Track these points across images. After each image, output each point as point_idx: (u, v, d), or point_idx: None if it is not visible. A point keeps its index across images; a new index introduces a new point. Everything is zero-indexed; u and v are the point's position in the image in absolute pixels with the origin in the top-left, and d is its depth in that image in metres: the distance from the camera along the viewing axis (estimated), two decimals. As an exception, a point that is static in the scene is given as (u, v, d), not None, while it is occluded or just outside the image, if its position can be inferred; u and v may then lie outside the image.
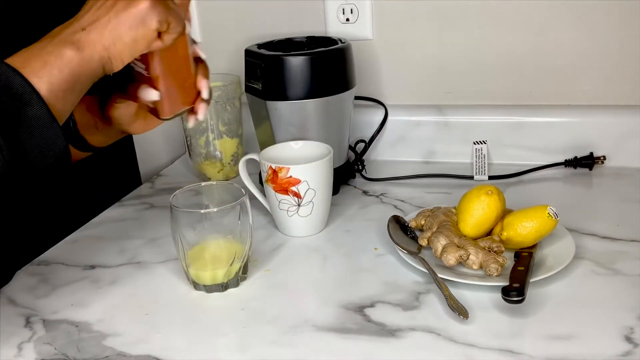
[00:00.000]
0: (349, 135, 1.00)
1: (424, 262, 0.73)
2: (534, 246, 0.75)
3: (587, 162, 1.00)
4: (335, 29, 1.09)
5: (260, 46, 0.97)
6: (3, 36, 0.65)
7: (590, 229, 0.82)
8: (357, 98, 1.02)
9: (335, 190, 0.96)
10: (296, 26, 1.11)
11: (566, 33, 1.00)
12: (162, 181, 1.10)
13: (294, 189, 0.82)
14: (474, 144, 1.02)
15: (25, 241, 0.87)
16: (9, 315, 0.72)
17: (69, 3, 0.63)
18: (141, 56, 0.62)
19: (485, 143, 1.01)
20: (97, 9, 0.58)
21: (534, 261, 0.72)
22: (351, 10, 1.07)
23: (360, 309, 0.69)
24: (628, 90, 1.00)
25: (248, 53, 0.96)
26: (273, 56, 0.92)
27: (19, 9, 0.76)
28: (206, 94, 0.66)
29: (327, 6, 1.09)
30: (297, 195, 0.82)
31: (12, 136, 0.53)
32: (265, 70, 0.92)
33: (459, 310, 0.65)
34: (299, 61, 0.90)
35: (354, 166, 1.04)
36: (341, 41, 0.95)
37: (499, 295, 0.66)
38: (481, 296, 0.69)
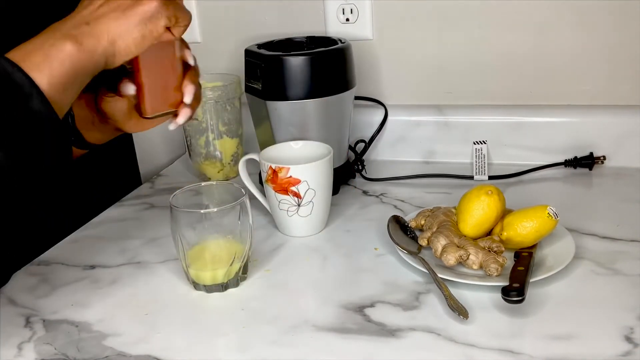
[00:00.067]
0: (349, 135, 1.00)
1: (424, 262, 0.73)
2: (534, 246, 0.75)
3: (587, 162, 1.00)
4: (335, 29, 1.09)
5: (260, 46, 0.97)
6: (3, 31, 0.65)
7: (590, 229, 0.82)
8: (357, 98, 1.02)
9: (335, 190, 0.96)
10: (296, 26, 1.10)
11: (566, 33, 1.00)
12: (162, 181, 1.10)
13: (294, 189, 0.82)
14: (474, 144, 1.02)
15: (25, 241, 0.87)
16: (9, 315, 0.72)
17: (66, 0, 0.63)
18: None
19: (485, 143, 1.01)
20: (99, 5, 0.58)
21: (534, 261, 0.72)
22: (351, 10, 1.07)
23: (360, 309, 0.69)
24: (628, 90, 1.00)
25: (248, 53, 0.96)
26: (273, 56, 0.92)
27: (18, 4, 0.75)
28: (189, 99, 0.66)
29: (327, 6, 1.09)
30: (297, 195, 0.82)
31: (13, 131, 0.52)
32: (265, 70, 0.92)
33: (459, 310, 0.65)
34: (299, 61, 0.90)
35: (354, 166, 1.04)
36: (341, 41, 0.95)
37: (499, 295, 0.66)
38: (481, 296, 0.69)
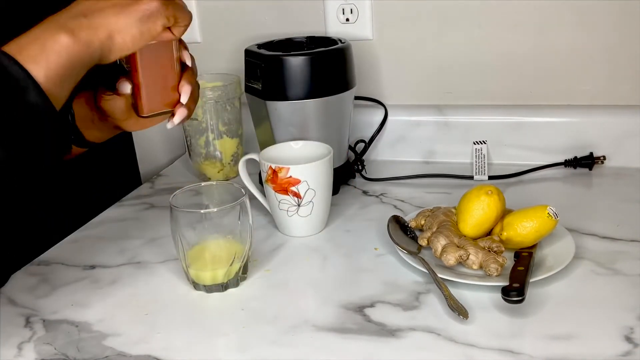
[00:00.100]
0: (349, 135, 1.00)
1: (424, 262, 0.73)
2: (534, 246, 0.75)
3: (587, 162, 1.00)
4: (335, 29, 1.09)
5: (260, 46, 0.97)
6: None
7: (590, 229, 0.82)
8: (357, 98, 1.02)
9: (335, 190, 0.96)
10: (296, 26, 1.10)
11: (566, 33, 1.00)
12: (162, 181, 1.09)
13: (293, 189, 0.82)
14: (474, 144, 1.02)
15: (25, 241, 0.87)
16: (9, 315, 0.72)
17: None
18: None
19: (485, 143, 1.01)
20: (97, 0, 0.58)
21: (534, 261, 0.72)
22: (351, 10, 1.07)
23: (360, 309, 0.69)
24: (628, 90, 1.00)
25: (248, 53, 0.96)
26: (273, 56, 0.92)
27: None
28: (185, 99, 0.66)
29: (327, 6, 1.09)
30: (297, 195, 0.82)
31: (9, 125, 0.52)
32: (265, 70, 0.92)
33: (459, 310, 0.65)
34: (299, 61, 0.90)
35: (354, 166, 1.04)
36: (341, 41, 0.95)
37: (499, 295, 0.66)
38: (481, 296, 0.69)
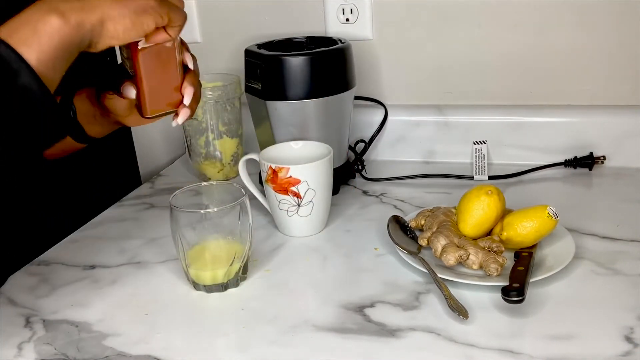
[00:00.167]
0: (349, 135, 1.00)
1: (424, 262, 0.73)
2: (534, 246, 0.75)
3: (587, 162, 1.00)
4: (335, 29, 1.09)
5: (260, 46, 0.97)
6: None
7: (590, 229, 0.82)
8: (357, 98, 1.02)
9: (335, 190, 0.96)
10: (296, 26, 1.10)
11: (566, 33, 1.00)
12: (162, 181, 1.09)
13: (293, 189, 0.82)
14: (474, 144, 1.02)
15: (25, 241, 0.87)
16: (9, 315, 0.72)
17: None
18: (129, 56, 0.64)
19: (485, 143, 1.01)
20: None
21: (534, 261, 0.72)
22: (351, 10, 1.07)
23: (360, 309, 0.69)
24: (628, 90, 1.00)
25: (248, 53, 0.96)
26: (273, 56, 0.92)
27: None
28: (188, 100, 0.67)
29: (327, 6, 1.09)
30: (297, 195, 0.82)
31: (2, 107, 0.52)
32: (265, 70, 0.92)
33: (459, 310, 0.65)
34: (299, 61, 0.90)
35: (354, 166, 1.04)
36: (341, 41, 0.95)
37: (499, 295, 0.66)
38: (481, 296, 0.69)
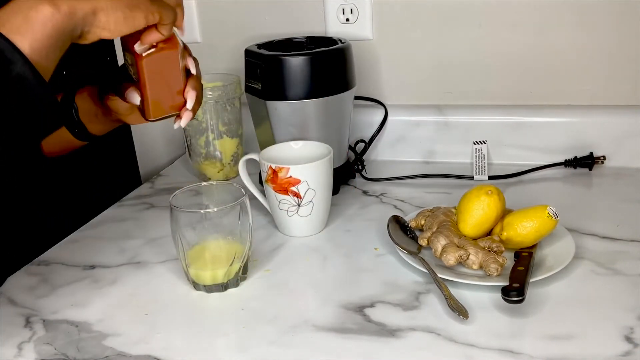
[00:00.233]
0: (349, 135, 1.00)
1: (424, 262, 0.73)
2: (534, 246, 0.75)
3: (587, 162, 1.00)
4: (335, 29, 1.09)
5: (260, 46, 0.97)
6: None
7: (590, 229, 0.82)
8: (357, 98, 1.02)
9: (335, 190, 0.96)
10: (296, 26, 1.10)
11: (566, 33, 1.00)
12: (162, 181, 1.09)
13: (294, 189, 0.82)
14: (474, 144, 1.02)
15: (25, 241, 0.87)
16: (9, 315, 0.72)
17: None
18: (133, 62, 0.65)
19: (485, 143, 1.01)
20: None
21: (534, 261, 0.72)
22: (351, 10, 1.07)
23: (360, 309, 0.69)
24: (628, 90, 1.00)
25: (248, 53, 0.96)
26: (273, 56, 0.92)
27: None
28: (190, 104, 0.69)
29: (327, 6, 1.09)
30: (297, 195, 0.82)
31: None
32: (265, 70, 0.92)
33: (459, 310, 0.65)
34: (299, 61, 0.90)
35: (354, 166, 1.04)
36: (341, 41, 0.95)
37: (499, 295, 0.66)
38: (481, 296, 0.69)
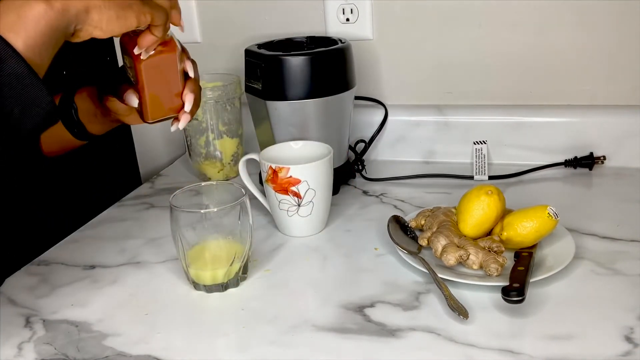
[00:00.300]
0: (349, 135, 1.00)
1: (424, 262, 0.73)
2: (534, 246, 0.75)
3: (587, 162, 1.00)
4: (335, 29, 1.09)
5: (260, 46, 0.97)
6: None
7: (590, 229, 0.82)
8: (357, 98, 1.02)
9: (335, 190, 0.96)
10: (296, 26, 1.10)
11: (566, 33, 1.00)
12: (162, 181, 1.09)
13: (294, 189, 0.82)
14: (474, 144, 1.02)
15: (25, 241, 0.87)
16: (9, 315, 0.72)
17: None
18: (131, 65, 0.65)
19: (485, 143, 1.01)
20: None
21: (534, 261, 0.72)
22: (351, 10, 1.07)
23: (360, 309, 0.69)
24: (628, 90, 1.00)
25: (248, 53, 0.96)
26: (273, 56, 0.92)
27: None
28: (189, 107, 0.69)
29: (327, 6, 1.09)
30: (297, 195, 0.82)
31: None
32: (265, 70, 0.92)
33: (459, 310, 0.65)
34: (299, 61, 0.90)
35: (354, 166, 1.04)
36: (341, 41, 0.95)
37: (499, 295, 0.66)
38: (481, 296, 0.69)
